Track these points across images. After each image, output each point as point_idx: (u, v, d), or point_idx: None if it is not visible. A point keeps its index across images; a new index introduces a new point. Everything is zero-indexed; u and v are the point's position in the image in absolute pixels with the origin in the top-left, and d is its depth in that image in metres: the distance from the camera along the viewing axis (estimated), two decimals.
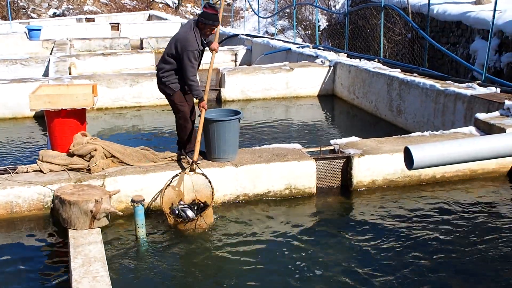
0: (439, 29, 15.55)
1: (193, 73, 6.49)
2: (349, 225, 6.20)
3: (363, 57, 13.78)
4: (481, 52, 12.90)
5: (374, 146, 7.30)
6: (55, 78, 11.71)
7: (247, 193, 6.67)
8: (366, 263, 5.26)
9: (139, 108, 12.08)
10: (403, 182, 7.13)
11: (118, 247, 5.56)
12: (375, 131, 10.20)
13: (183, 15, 39.81)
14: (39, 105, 6.77)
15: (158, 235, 5.87)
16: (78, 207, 5.34)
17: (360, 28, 17.51)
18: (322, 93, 13.42)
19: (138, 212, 5.57)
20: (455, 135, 7.70)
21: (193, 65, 6.44)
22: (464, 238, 5.75)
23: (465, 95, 8.83)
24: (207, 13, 6.34)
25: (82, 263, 4.65)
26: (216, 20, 6.38)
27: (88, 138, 6.55)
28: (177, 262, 5.36)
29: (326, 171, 7.06)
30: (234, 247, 5.66)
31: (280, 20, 28.85)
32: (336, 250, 5.56)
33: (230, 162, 6.66)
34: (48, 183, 6.02)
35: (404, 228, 6.00)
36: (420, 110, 9.91)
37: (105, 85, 11.82)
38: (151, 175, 6.33)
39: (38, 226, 5.92)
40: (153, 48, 21.08)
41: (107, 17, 31.75)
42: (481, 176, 7.39)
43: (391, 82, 10.88)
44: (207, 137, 6.67)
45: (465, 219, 6.21)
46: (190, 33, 6.42)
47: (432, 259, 5.31)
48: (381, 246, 5.58)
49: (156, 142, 9.50)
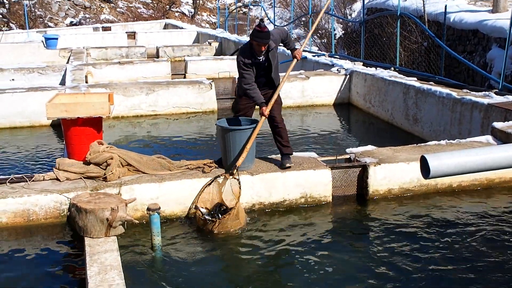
0: (455, 37, 15.49)
1: (246, 81, 6.63)
2: (365, 234, 6.18)
3: (379, 65, 13.76)
4: (498, 61, 12.81)
5: (390, 155, 7.28)
6: (71, 87, 11.81)
7: (263, 201, 6.67)
8: (383, 272, 5.24)
9: (155, 117, 12.15)
10: (420, 191, 7.09)
11: (134, 255, 5.58)
12: (391, 140, 10.16)
13: (199, 23, 40.03)
14: (55, 114, 6.84)
15: (174, 243, 5.88)
16: (94, 215, 5.37)
17: (376, 37, 17.49)
18: (338, 102, 13.41)
19: (154, 221, 5.59)
20: (471, 144, 7.66)
21: (244, 73, 6.62)
22: (482, 248, 5.69)
23: (482, 104, 8.78)
24: (255, 31, 6.50)
25: (98, 271, 4.67)
26: (262, 37, 6.46)
27: (104, 147, 6.59)
28: (192, 270, 5.37)
29: (342, 180, 7.04)
30: (250, 255, 5.66)
31: (296, 28, 28.90)
32: (351, 259, 5.54)
33: (246, 171, 6.67)
34: (65, 191, 6.07)
35: (420, 237, 5.97)
36: (436, 118, 9.86)
37: (121, 93, 11.91)
38: (167, 183, 6.36)
39: (55, 234, 5.96)
40: (169, 56, 21.20)
41: (124, 26, 32.02)
42: (498, 185, 7.33)
43: (407, 90, 10.84)
44: (224, 146, 6.69)
45: (482, 229, 6.15)
46: (245, 46, 6.73)
47: (448, 269, 5.27)
48: (398, 255, 5.55)
49: (172, 150, 9.54)
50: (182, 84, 12.72)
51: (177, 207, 6.40)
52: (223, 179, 6.49)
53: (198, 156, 7.83)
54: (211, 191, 6.43)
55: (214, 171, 6.66)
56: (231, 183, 6.43)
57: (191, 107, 12.52)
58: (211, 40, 24.21)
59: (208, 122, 12.00)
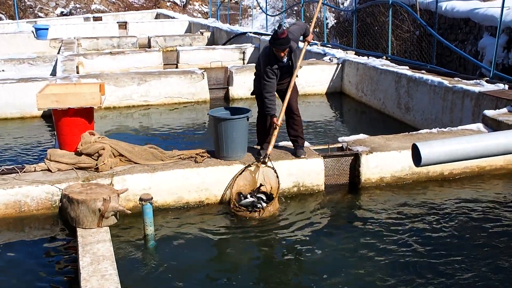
0: (447, 26, 15.48)
1: (267, 90, 6.64)
2: (357, 222, 6.19)
3: (371, 54, 13.75)
4: (489, 49, 12.83)
5: (382, 143, 7.29)
6: (62, 77, 11.75)
7: None
8: (375, 260, 5.26)
9: (146, 107, 12.11)
10: (411, 179, 7.12)
11: (127, 246, 5.57)
12: (383, 128, 10.18)
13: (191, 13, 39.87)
14: (46, 104, 6.81)
15: (167, 233, 5.88)
16: (86, 206, 5.36)
17: (368, 26, 17.45)
18: (330, 91, 13.42)
19: (146, 211, 5.59)
20: (463, 132, 7.68)
21: (267, 83, 6.62)
22: (473, 235, 5.72)
23: (473, 92, 8.80)
24: (273, 38, 6.48)
25: (90, 261, 4.66)
26: (281, 44, 6.46)
27: (96, 137, 6.56)
28: (185, 260, 5.37)
29: (334, 169, 7.05)
30: (242, 244, 5.68)
31: (288, 18, 28.80)
32: (343, 247, 5.56)
33: (238, 160, 6.67)
34: (56, 182, 6.05)
35: (412, 225, 5.99)
36: (428, 107, 9.88)
37: (112, 84, 11.86)
38: (159, 173, 6.35)
39: (47, 225, 5.94)
40: (160, 46, 21.09)
41: (115, 16, 31.85)
42: (489, 173, 7.37)
43: (399, 79, 10.85)
44: (216, 136, 6.68)
45: (474, 216, 6.19)
46: (267, 53, 6.67)
47: (440, 255, 5.30)
48: (390, 243, 5.57)
49: (164, 140, 9.52)
50: (174, 74, 12.67)
51: (170, 197, 6.40)
52: (254, 167, 6.59)
53: (191, 146, 7.82)
54: (245, 180, 6.56)
55: (207, 161, 6.66)
56: (264, 171, 6.55)
57: (183, 97, 12.48)
58: (203, 30, 24.11)
59: (201, 112, 11.98)
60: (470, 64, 13.71)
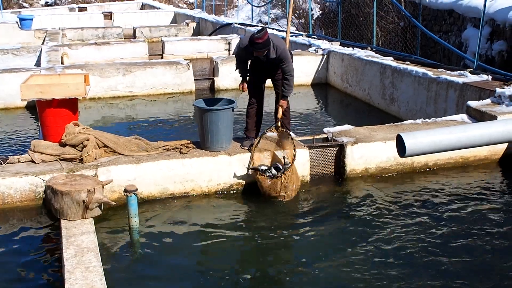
0: (431, 17, 15.51)
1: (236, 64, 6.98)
2: (342, 213, 6.19)
3: (356, 45, 13.74)
4: (473, 40, 12.86)
5: (367, 134, 7.29)
6: (47, 68, 11.61)
7: (241, 182, 6.65)
8: (359, 251, 5.27)
9: (132, 98, 12.02)
10: (396, 170, 7.13)
11: (111, 237, 5.53)
12: (368, 119, 10.19)
13: (177, 4, 39.59)
14: (30, 95, 6.73)
15: (152, 225, 5.84)
16: (70, 197, 5.31)
17: (353, 17, 17.45)
18: (315, 82, 13.40)
19: (131, 202, 5.54)
20: (447, 123, 7.69)
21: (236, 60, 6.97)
22: (457, 226, 5.75)
23: (457, 83, 8.82)
24: (250, 39, 6.41)
25: (74, 253, 4.62)
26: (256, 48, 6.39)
27: (80, 128, 6.50)
28: (170, 252, 5.34)
29: (319, 160, 7.04)
30: (227, 237, 5.65)
31: (274, 9, 28.73)
32: (329, 238, 5.56)
33: (223, 151, 6.63)
34: (40, 174, 5.98)
35: (397, 216, 6.00)
36: (412, 98, 9.90)
37: (97, 74, 11.75)
38: (144, 164, 6.29)
39: (30, 216, 5.88)
40: (146, 37, 20.94)
41: (100, 7, 31.53)
42: (473, 163, 7.40)
43: (384, 70, 10.85)
44: (201, 127, 6.63)
45: (458, 207, 6.21)
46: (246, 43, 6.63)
47: (425, 247, 5.31)
48: (374, 234, 5.58)
49: (149, 131, 9.46)
50: (159, 64, 12.58)
51: (155, 188, 6.36)
52: (269, 133, 6.79)
53: (176, 137, 7.76)
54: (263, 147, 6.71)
55: (192, 151, 6.61)
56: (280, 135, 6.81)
57: (168, 88, 12.40)
58: (188, 20, 23.97)
59: (186, 103, 11.91)
60: (454, 55, 13.75)
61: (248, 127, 7.05)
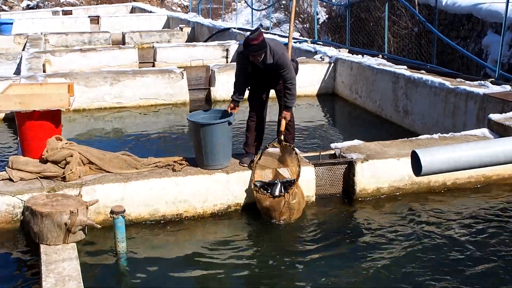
0: (448, 22, 15.56)
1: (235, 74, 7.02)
2: (351, 237, 6.15)
3: (366, 52, 13.78)
4: (494, 47, 12.89)
5: (378, 150, 7.27)
6: (27, 77, 11.64)
7: (239, 202, 6.62)
8: (371, 277, 5.22)
9: (120, 109, 12.03)
10: (411, 190, 7.09)
11: (96, 264, 5.50)
12: (380, 133, 10.18)
13: (170, 7, 39.80)
14: (8, 106, 6.73)
15: (140, 250, 5.80)
16: (51, 220, 5.27)
17: (363, 22, 17.50)
18: (321, 92, 13.42)
19: (118, 225, 5.51)
20: (466, 138, 7.68)
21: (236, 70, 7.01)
22: (477, 252, 5.70)
23: (477, 94, 8.82)
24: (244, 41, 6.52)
25: (55, 282, 4.57)
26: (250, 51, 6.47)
27: (63, 143, 6.49)
28: (160, 281, 5.30)
29: (326, 178, 7.02)
30: (223, 261, 5.61)
31: (276, 12, 28.88)
32: (337, 265, 5.52)
33: (221, 169, 6.61)
34: (18, 193, 5.95)
35: (412, 241, 5.95)
36: (428, 110, 9.89)
37: (82, 84, 11.77)
38: (133, 183, 6.26)
39: (7, 240, 5.84)
40: (136, 43, 21.01)
41: (86, 10, 31.74)
42: (496, 183, 7.36)
43: (396, 80, 10.86)
44: (195, 143, 6.61)
45: (479, 230, 6.17)
46: None
47: (441, 274, 5.27)
48: (387, 259, 5.54)
49: (139, 147, 9.46)
50: (151, 73, 12.61)
51: (145, 209, 6.32)
52: (272, 149, 6.78)
53: (168, 153, 7.75)
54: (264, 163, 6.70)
55: (186, 169, 6.59)
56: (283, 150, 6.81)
57: (160, 98, 12.42)
58: (182, 25, 24.09)
59: (179, 115, 11.92)
60: (474, 63, 13.77)
61: (247, 142, 7.04)
